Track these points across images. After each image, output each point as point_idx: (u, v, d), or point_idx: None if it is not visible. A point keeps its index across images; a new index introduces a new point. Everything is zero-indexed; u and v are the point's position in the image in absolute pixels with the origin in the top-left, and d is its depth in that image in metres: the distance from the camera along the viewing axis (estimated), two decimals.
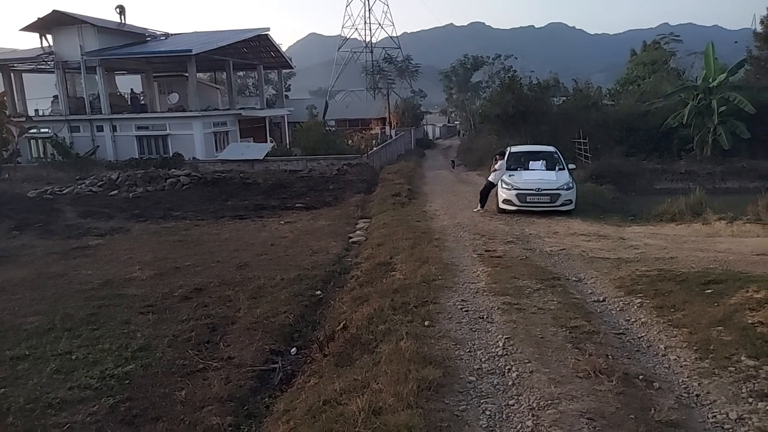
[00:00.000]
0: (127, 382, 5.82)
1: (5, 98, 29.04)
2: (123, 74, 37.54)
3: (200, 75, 37.13)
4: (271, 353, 6.61)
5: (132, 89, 35.89)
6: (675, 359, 5.10)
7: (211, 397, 5.48)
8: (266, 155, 27.01)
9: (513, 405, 4.29)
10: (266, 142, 33.77)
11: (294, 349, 6.84)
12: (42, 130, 30.34)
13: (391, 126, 46.05)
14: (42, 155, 30.48)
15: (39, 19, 29.25)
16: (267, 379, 6.05)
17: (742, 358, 4.88)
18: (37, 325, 7.47)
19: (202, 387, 5.70)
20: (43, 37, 30.26)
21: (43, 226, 14.74)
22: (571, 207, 13.47)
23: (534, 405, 4.23)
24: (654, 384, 4.59)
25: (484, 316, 6.32)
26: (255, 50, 36.68)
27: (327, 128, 40.64)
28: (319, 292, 8.84)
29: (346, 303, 7.87)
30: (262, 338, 6.93)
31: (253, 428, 4.94)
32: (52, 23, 29.50)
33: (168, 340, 6.90)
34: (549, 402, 4.23)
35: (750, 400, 4.27)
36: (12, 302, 8.52)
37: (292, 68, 47.34)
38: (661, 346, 5.39)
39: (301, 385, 5.52)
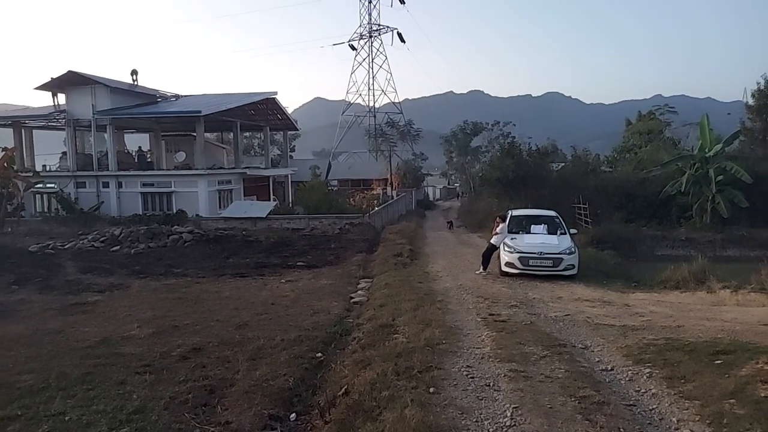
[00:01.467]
0: None
1: (14, 153, 29.63)
2: (132, 132, 38.47)
3: (207, 135, 38.02)
4: (269, 418, 6.39)
5: (140, 147, 36.66)
6: None
7: None
8: (269, 213, 27.20)
9: None
10: (269, 200, 34.12)
11: (293, 414, 6.62)
12: (48, 185, 30.72)
13: (392, 187, 46.68)
14: (46, 210, 30.72)
15: (54, 78, 30.29)
16: None
17: None
18: (31, 383, 7.27)
19: None
20: (55, 96, 31.22)
21: (43, 281, 14.64)
22: (573, 272, 13.44)
23: None
24: None
25: (491, 384, 6.17)
26: (262, 112, 37.75)
27: (330, 188, 41.17)
28: (319, 354, 8.65)
29: (347, 366, 7.69)
30: (260, 402, 6.72)
31: None
32: (66, 83, 30.53)
33: (164, 402, 6.69)
34: None
35: None
36: (6, 359, 8.33)
37: (298, 130, 48.55)
38: (674, 419, 5.24)
39: None
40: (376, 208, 30.29)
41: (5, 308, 11.80)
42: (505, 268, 13.73)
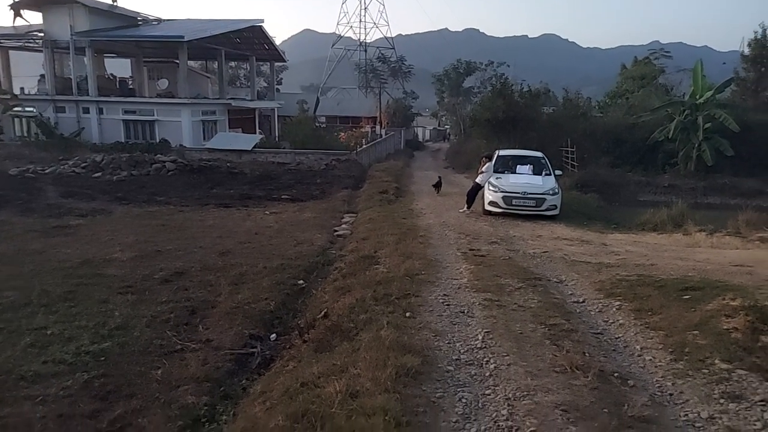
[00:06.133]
0: (103, 359, 5.75)
1: None
2: (112, 57, 37.06)
3: (191, 63, 36.79)
4: (250, 338, 6.58)
5: (111, 74, 35.37)
6: (650, 360, 5.18)
7: (187, 377, 5.44)
8: (254, 147, 26.86)
9: (489, 394, 4.32)
10: (255, 133, 33.59)
11: (274, 335, 6.81)
12: (27, 109, 29.83)
13: (381, 125, 46.05)
14: (26, 134, 29.97)
15: None
16: (245, 363, 6.02)
17: (716, 361, 4.96)
18: (13, 299, 7.34)
19: (178, 367, 5.66)
20: (17, 16, 29.41)
21: (24, 204, 14.49)
22: (555, 212, 13.61)
23: (510, 395, 4.27)
24: (629, 382, 4.65)
25: (465, 311, 6.35)
26: (248, 41, 36.46)
27: (318, 124, 40.50)
28: (301, 282, 8.82)
29: (328, 293, 7.87)
30: (241, 323, 6.89)
31: (229, 408, 4.91)
32: (42, 1, 29.00)
33: (146, 320, 6.83)
34: (525, 393, 4.28)
35: (721, 401, 4.35)
36: None
37: (285, 62, 47.15)
38: (638, 347, 5.47)
39: (280, 369, 5.51)
40: (364, 146, 30.01)
41: None
42: (488, 207, 13.84)
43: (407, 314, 6.15)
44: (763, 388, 4.46)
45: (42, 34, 29.60)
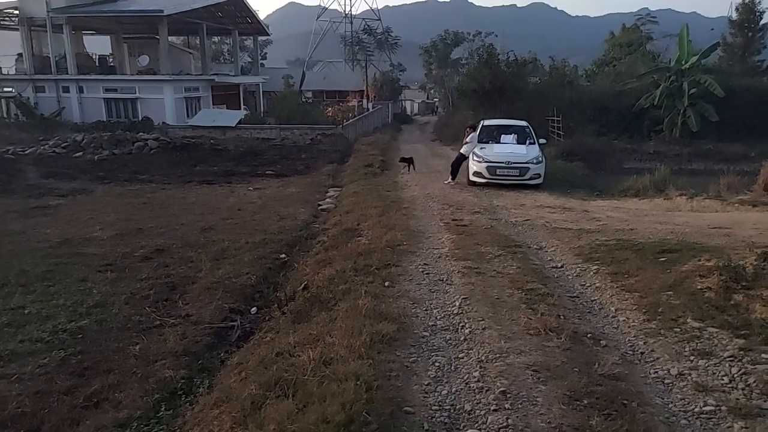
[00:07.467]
0: (80, 336, 5.75)
1: None
2: (91, 34, 36.23)
3: (172, 38, 36.07)
4: (230, 312, 6.60)
5: (90, 52, 34.60)
6: (624, 320, 5.24)
7: (165, 351, 5.45)
8: (239, 123, 26.55)
9: (462, 358, 4.36)
10: (240, 109, 33.16)
11: (254, 308, 6.83)
12: (5, 90, 29.23)
13: (368, 99, 45.62)
14: (5, 115, 29.42)
15: None
16: (225, 337, 6.04)
17: (689, 320, 5.03)
18: None
19: (157, 342, 5.67)
20: None
21: (3, 186, 14.32)
22: (539, 181, 13.61)
23: (483, 358, 4.31)
24: (601, 342, 4.70)
25: (444, 279, 6.37)
26: (230, 15, 35.72)
27: (304, 99, 40.02)
28: (283, 256, 8.81)
29: (309, 266, 7.87)
30: (222, 297, 6.90)
31: (206, 381, 4.92)
32: None
33: (125, 297, 6.82)
34: (497, 355, 4.32)
35: (692, 358, 4.41)
36: None
37: (269, 35, 46.33)
38: (612, 309, 5.53)
39: (258, 341, 5.53)
40: (350, 120, 29.75)
41: None
42: (473, 178, 13.81)
43: (386, 284, 6.16)
44: (733, 345, 4.52)
45: (17, 12, 28.80)
